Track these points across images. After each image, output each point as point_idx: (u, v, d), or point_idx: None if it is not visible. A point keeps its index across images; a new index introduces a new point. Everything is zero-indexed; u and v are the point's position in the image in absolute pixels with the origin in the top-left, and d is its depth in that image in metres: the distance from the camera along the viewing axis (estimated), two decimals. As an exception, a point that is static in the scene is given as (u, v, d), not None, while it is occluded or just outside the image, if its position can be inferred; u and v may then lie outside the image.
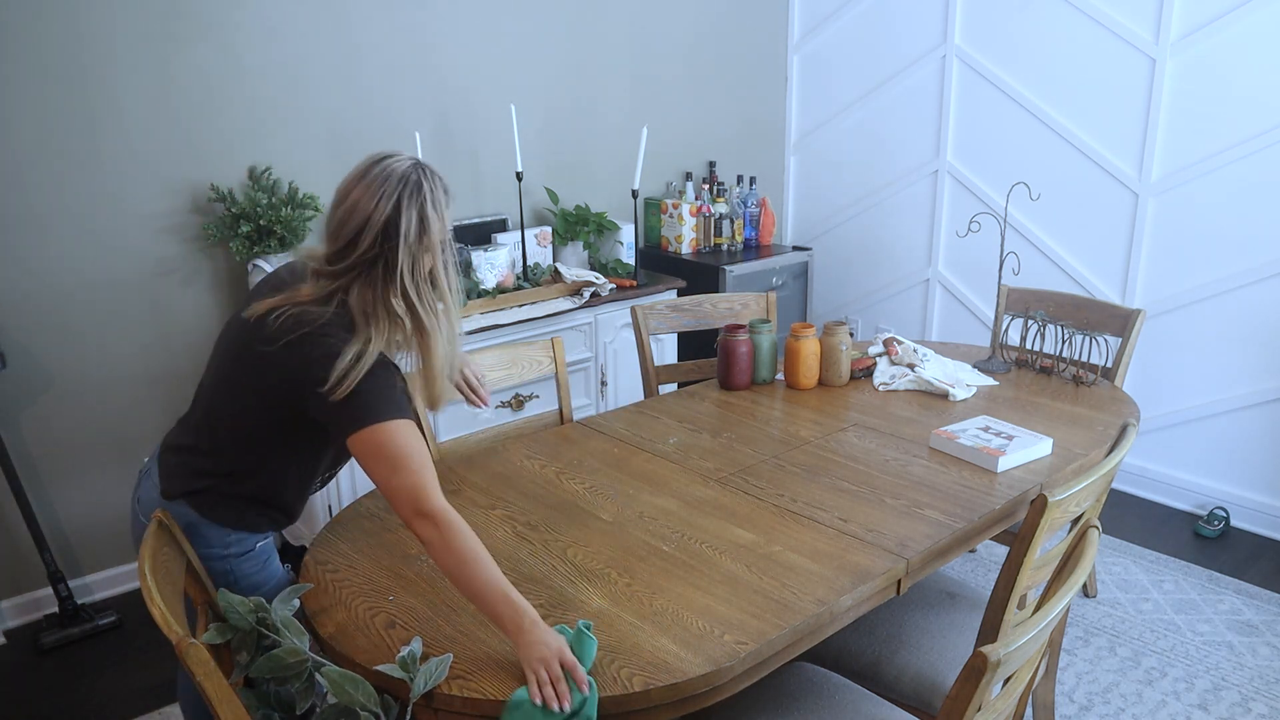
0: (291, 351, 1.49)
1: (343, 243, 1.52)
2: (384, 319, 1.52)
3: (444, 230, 1.55)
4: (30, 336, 2.78)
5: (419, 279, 1.54)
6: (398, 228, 1.50)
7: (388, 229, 1.50)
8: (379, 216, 1.50)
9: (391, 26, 3.27)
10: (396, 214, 1.50)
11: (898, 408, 2.42)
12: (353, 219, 1.51)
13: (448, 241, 1.58)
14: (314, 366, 1.47)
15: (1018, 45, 3.72)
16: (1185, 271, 3.41)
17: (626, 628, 1.47)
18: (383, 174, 1.52)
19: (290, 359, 1.49)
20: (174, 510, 1.63)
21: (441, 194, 1.55)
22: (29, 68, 2.64)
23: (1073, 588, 1.35)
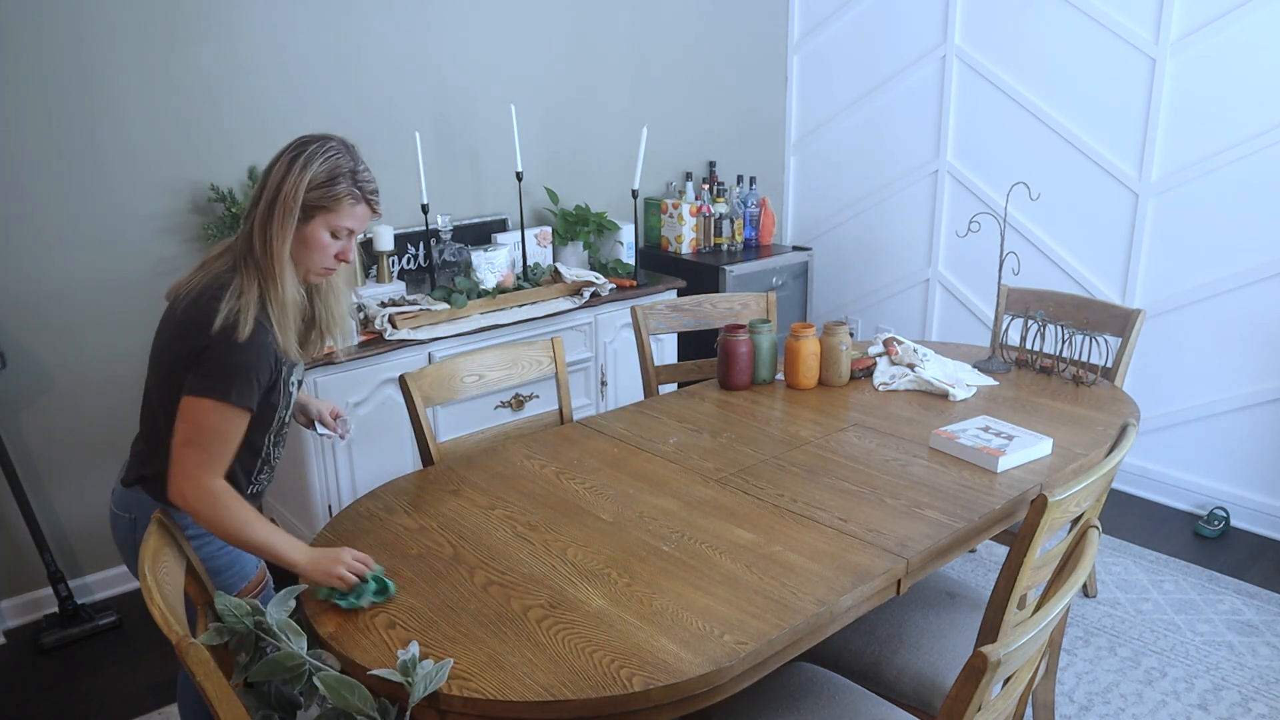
0: (188, 310, 1.62)
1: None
2: (247, 261, 1.64)
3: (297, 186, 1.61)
4: (30, 336, 2.78)
5: (269, 222, 1.62)
6: (269, 174, 1.64)
7: (265, 175, 1.65)
8: (271, 162, 1.66)
9: (392, 26, 3.27)
10: (275, 162, 1.65)
11: (898, 408, 2.42)
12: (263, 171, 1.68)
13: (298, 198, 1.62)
14: (196, 315, 1.59)
15: (1018, 45, 3.72)
16: (1185, 271, 3.41)
17: (626, 628, 1.47)
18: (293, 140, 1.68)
19: (185, 316, 1.62)
20: (133, 497, 1.72)
21: (320, 162, 1.63)
22: (29, 68, 2.64)
23: (1073, 588, 1.35)
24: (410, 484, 2.02)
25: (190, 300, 1.62)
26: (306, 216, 1.64)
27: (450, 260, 3.37)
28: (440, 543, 1.76)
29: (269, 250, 1.62)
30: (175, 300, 1.66)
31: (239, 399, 1.58)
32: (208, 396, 1.56)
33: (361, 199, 1.68)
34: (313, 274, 1.71)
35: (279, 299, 1.63)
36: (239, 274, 1.63)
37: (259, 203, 1.64)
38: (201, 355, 1.57)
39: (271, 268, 1.62)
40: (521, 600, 1.56)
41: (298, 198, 1.61)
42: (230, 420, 1.59)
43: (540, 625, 1.49)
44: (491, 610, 1.53)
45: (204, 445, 1.57)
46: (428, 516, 1.86)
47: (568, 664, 1.39)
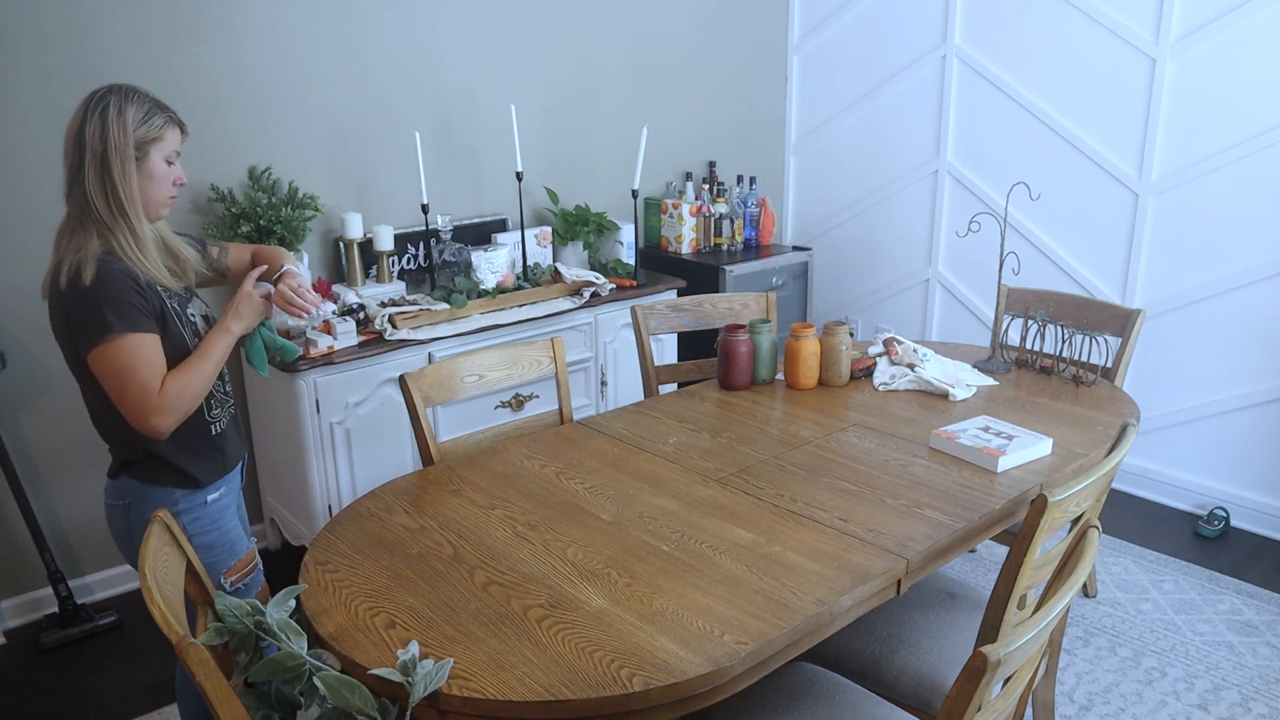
0: (52, 295, 1.67)
1: (64, 168, 1.70)
2: (92, 221, 1.67)
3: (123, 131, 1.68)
4: (30, 336, 2.78)
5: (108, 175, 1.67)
6: (82, 133, 1.67)
7: (79, 137, 1.68)
8: (72, 131, 1.69)
9: (392, 26, 3.27)
10: (85, 122, 1.68)
11: (898, 408, 2.42)
12: (65, 143, 1.70)
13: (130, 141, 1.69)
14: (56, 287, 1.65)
15: (1018, 45, 3.72)
16: (1185, 271, 3.41)
17: (626, 628, 1.47)
18: (82, 100, 1.72)
19: (52, 302, 1.67)
20: (122, 484, 1.77)
21: (129, 103, 1.71)
22: (30, 67, 2.65)
23: (1073, 588, 1.35)
24: (410, 484, 2.02)
25: (52, 280, 1.67)
26: (143, 155, 1.71)
27: (450, 260, 3.37)
28: (440, 543, 1.76)
29: (115, 200, 1.67)
30: (45, 290, 1.70)
31: (124, 325, 1.63)
32: (99, 343, 1.62)
33: (175, 123, 1.78)
34: (161, 206, 1.77)
35: (132, 239, 1.69)
36: (76, 238, 1.67)
37: (84, 165, 1.67)
38: (71, 317, 1.63)
39: (116, 216, 1.67)
40: (521, 600, 1.56)
41: (128, 140, 1.68)
42: (132, 348, 1.64)
43: (540, 625, 1.49)
44: (491, 610, 1.53)
45: (132, 383, 1.63)
46: (428, 516, 1.86)
47: (568, 664, 1.39)
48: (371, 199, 3.35)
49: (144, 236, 1.71)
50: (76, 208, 1.69)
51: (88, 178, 1.67)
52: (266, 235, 2.90)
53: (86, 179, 1.67)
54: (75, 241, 1.67)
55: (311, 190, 3.10)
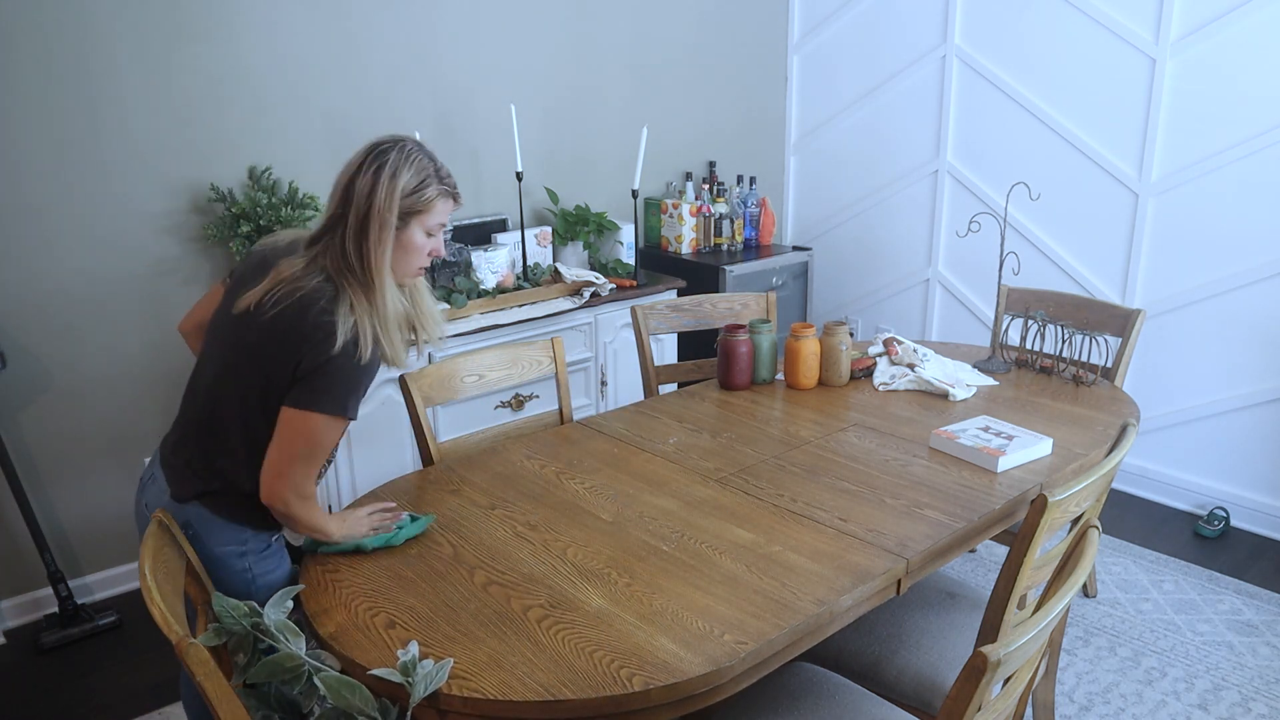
0: (281, 319, 1.57)
1: (325, 212, 1.66)
2: (348, 276, 1.61)
3: (390, 197, 1.60)
4: (30, 336, 2.78)
5: (364, 237, 1.60)
6: (354, 187, 1.61)
7: (348, 189, 1.62)
8: (344, 179, 1.63)
9: (392, 26, 3.27)
10: (357, 174, 1.62)
11: (898, 408, 2.42)
12: (335, 183, 1.65)
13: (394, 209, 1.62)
14: (308, 331, 1.56)
15: (1018, 45, 3.72)
16: (1185, 271, 3.41)
17: (626, 628, 1.47)
18: (365, 147, 1.65)
19: (280, 326, 1.57)
20: (189, 512, 1.64)
21: (406, 166, 1.62)
22: (30, 67, 2.64)
23: (1073, 588, 1.35)
24: (410, 484, 2.02)
25: (295, 313, 1.56)
26: (403, 223, 1.64)
27: (450, 260, 3.37)
28: (440, 543, 1.76)
29: (367, 263, 1.60)
30: (259, 310, 1.59)
31: (354, 412, 1.62)
32: (324, 412, 1.57)
33: (449, 194, 1.70)
34: (408, 276, 1.71)
35: (383, 311, 1.62)
36: (343, 289, 1.60)
37: (347, 217, 1.60)
38: (318, 370, 1.55)
39: (372, 280, 1.61)
40: (521, 600, 1.56)
41: (393, 208, 1.60)
42: (339, 431, 1.62)
43: (540, 625, 1.49)
44: (491, 610, 1.53)
45: (313, 457, 1.61)
46: (428, 516, 1.86)
47: (568, 664, 1.39)
48: (371, 199, 3.34)
49: (389, 310, 1.64)
50: (333, 254, 1.62)
51: (346, 232, 1.61)
52: (266, 235, 2.89)
53: (345, 233, 1.61)
54: (347, 298, 1.59)
55: (311, 190, 3.10)
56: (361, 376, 1.60)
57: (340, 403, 1.58)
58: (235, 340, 1.63)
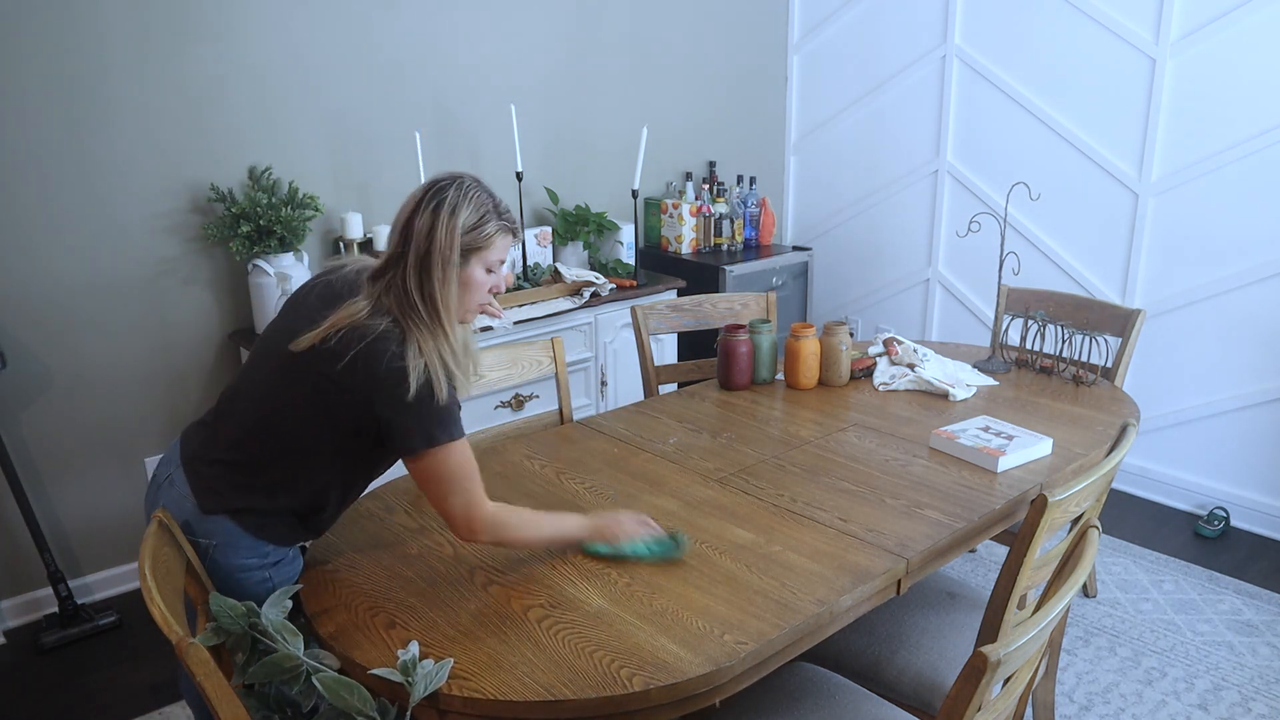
0: (356, 367, 1.54)
1: (386, 250, 1.64)
2: (413, 316, 1.59)
3: (451, 236, 1.59)
4: (30, 336, 2.78)
5: (427, 279, 1.59)
6: (413, 226, 1.60)
7: (406, 228, 1.61)
8: (403, 217, 1.62)
9: (392, 26, 3.27)
10: (416, 213, 1.60)
11: (898, 408, 2.42)
12: (394, 224, 1.64)
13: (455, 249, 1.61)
14: (378, 371, 1.53)
15: (1018, 45, 3.72)
16: (1185, 271, 3.41)
17: (626, 628, 1.47)
18: (423, 185, 1.64)
19: (356, 374, 1.55)
20: (215, 525, 1.62)
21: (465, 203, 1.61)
22: (29, 67, 2.64)
23: (1073, 588, 1.35)
24: (410, 484, 2.02)
25: (365, 360, 1.54)
26: (464, 260, 1.62)
27: (450, 260, 3.36)
28: (440, 543, 1.76)
29: (432, 302, 1.59)
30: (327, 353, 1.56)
31: (460, 432, 1.60)
32: (439, 444, 1.57)
33: (509, 230, 1.67)
34: (470, 313, 1.70)
35: (452, 348, 1.62)
36: (410, 330, 1.58)
37: (407, 255, 1.59)
38: (406, 415, 1.55)
39: (439, 318, 1.60)
40: (521, 600, 1.56)
41: (454, 246, 1.60)
42: (464, 452, 1.60)
43: (540, 625, 1.49)
44: (491, 610, 1.53)
45: (463, 487, 1.60)
46: (428, 516, 1.86)
47: (568, 664, 1.39)
48: (372, 199, 3.35)
49: (458, 346, 1.63)
50: (395, 294, 1.60)
51: (407, 271, 1.59)
52: (266, 235, 2.90)
53: (407, 275, 1.59)
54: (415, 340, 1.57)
55: (311, 190, 3.10)
56: (445, 411, 1.58)
57: (447, 432, 1.57)
58: (296, 378, 1.60)
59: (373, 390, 1.54)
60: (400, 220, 1.62)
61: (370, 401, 1.55)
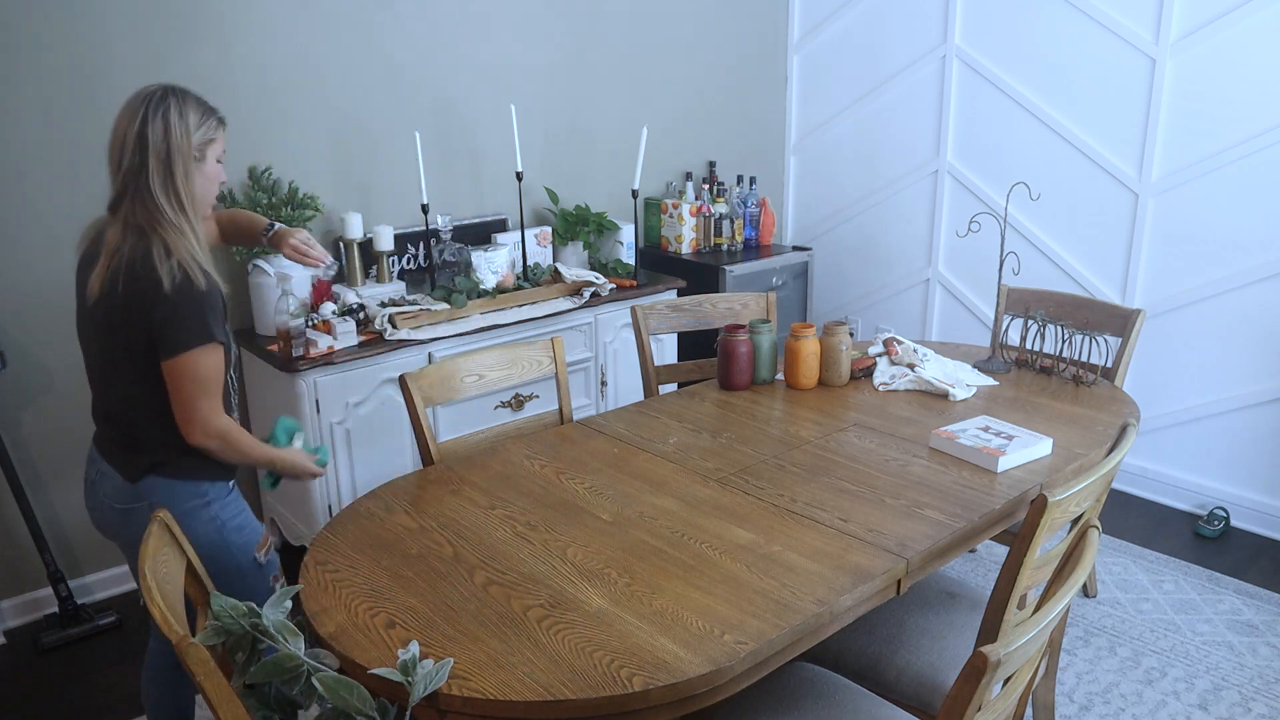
0: (127, 292, 1.67)
1: (113, 168, 1.71)
2: (160, 221, 1.69)
3: (185, 135, 1.71)
4: (30, 336, 2.78)
5: (172, 177, 1.69)
6: (146, 135, 1.68)
7: (141, 138, 1.68)
8: (132, 129, 1.69)
9: (392, 26, 3.27)
10: (142, 124, 1.68)
11: (898, 408, 2.42)
12: (114, 143, 1.71)
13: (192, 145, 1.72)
14: (142, 289, 1.66)
15: (1018, 45, 3.72)
16: (1185, 271, 3.41)
17: (626, 628, 1.47)
18: (133, 98, 1.72)
19: (128, 294, 1.67)
20: (145, 488, 1.77)
21: (189, 106, 1.73)
22: (29, 67, 2.65)
23: (1073, 588, 1.35)
24: (410, 484, 2.02)
25: (126, 279, 1.66)
26: (200, 156, 1.74)
27: (450, 260, 3.37)
28: (440, 543, 1.76)
29: (178, 199, 1.69)
30: (107, 293, 1.69)
31: (219, 335, 1.71)
32: (192, 347, 1.67)
33: (223, 122, 1.80)
34: (208, 204, 1.81)
35: (195, 240, 1.72)
36: (155, 237, 1.68)
37: (148, 163, 1.68)
38: (167, 317, 1.65)
39: (184, 213, 1.70)
40: (521, 600, 1.56)
41: (190, 143, 1.71)
42: (216, 357, 1.71)
43: (540, 625, 1.49)
44: (491, 610, 1.53)
45: (206, 390, 1.71)
46: (428, 516, 1.86)
47: (568, 664, 1.39)
48: (372, 199, 3.35)
49: (203, 237, 1.74)
50: (141, 208, 1.69)
51: (152, 179, 1.68)
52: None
53: (151, 180, 1.68)
54: (160, 242, 1.67)
55: (311, 190, 3.10)
56: (204, 303, 1.68)
57: (198, 333, 1.67)
58: (100, 326, 1.73)
59: (141, 303, 1.66)
60: (128, 134, 1.68)
61: (144, 314, 1.66)
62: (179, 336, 1.66)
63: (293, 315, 2.75)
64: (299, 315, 2.79)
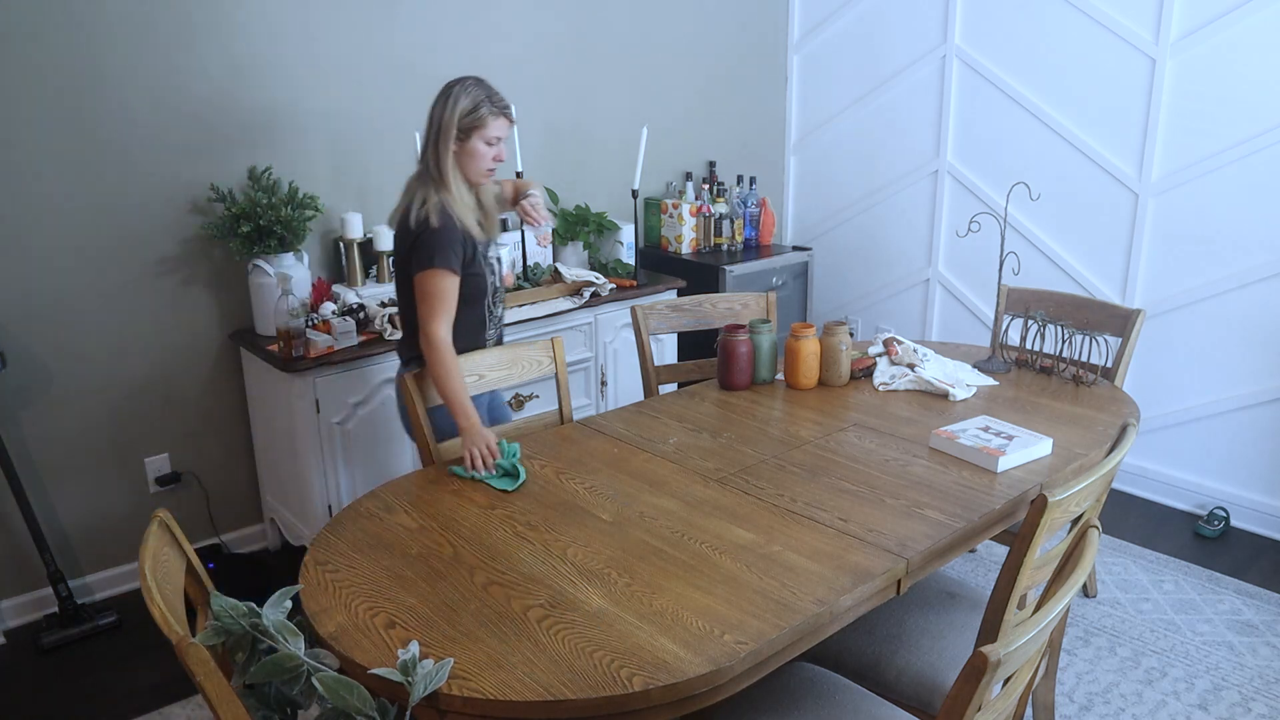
0: (399, 224, 2.29)
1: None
2: (427, 179, 2.26)
3: (453, 116, 2.21)
4: (30, 336, 2.78)
5: (438, 147, 2.24)
6: (432, 114, 2.26)
7: (430, 115, 2.27)
8: (432, 107, 2.27)
9: (392, 26, 3.27)
10: (433, 107, 2.26)
11: (898, 408, 2.42)
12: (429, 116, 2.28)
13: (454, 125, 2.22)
14: (404, 228, 2.25)
15: (1018, 45, 3.72)
16: (1185, 271, 3.41)
17: (626, 628, 1.47)
18: (444, 85, 2.28)
19: (399, 229, 2.29)
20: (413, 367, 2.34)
21: (465, 95, 2.22)
22: (30, 68, 2.64)
23: (1073, 588, 1.35)
24: (410, 484, 2.02)
25: (401, 215, 2.27)
26: (464, 136, 2.23)
27: (450, 260, 3.36)
28: (440, 543, 1.76)
29: (440, 166, 2.24)
30: (395, 220, 2.31)
31: (442, 263, 2.19)
32: (424, 269, 2.19)
33: (500, 114, 2.26)
34: (480, 176, 2.30)
35: (452, 198, 2.24)
36: (424, 189, 2.25)
37: (427, 136, 2.25)
38: (414, 246, 2.21)
39: (443, 177, 2.24)
40: (521, 600, 1.56)
41: (453, 123, 2.22)
42: (442, 281, 2.20)
43: (540, 625, 1.49)
44: (491, 610, 1.53)
45: (430, 303, 2.19)
46: (428, 516, 1.86)
47: (568, 664, 1.39)
48: (372, 199, 3.35)
49: (458, 197, 2.25)
50: (421, 165, 2.29)
51: (426, 146, 2.26)
52: (266, 235, 2.90)
53: (426, 147, 2.26)
54: (422, 193, 2.23)
55: (311, 190, 3.10)
56: (439, 237, 2.19)
57: (429, 259, 2.18)
58: (396, 257, 2.34)
59: (401, 232, 2.26)
60: (430, 111, 2.25)
61: (403, 243, 2.26)
62: (418, 262, 2.20)
63: (293, 315, 2.75)
64: (299, 315, 2.79)
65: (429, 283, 2.19)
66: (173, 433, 3.07)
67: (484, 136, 2.24)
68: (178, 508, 3.09)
